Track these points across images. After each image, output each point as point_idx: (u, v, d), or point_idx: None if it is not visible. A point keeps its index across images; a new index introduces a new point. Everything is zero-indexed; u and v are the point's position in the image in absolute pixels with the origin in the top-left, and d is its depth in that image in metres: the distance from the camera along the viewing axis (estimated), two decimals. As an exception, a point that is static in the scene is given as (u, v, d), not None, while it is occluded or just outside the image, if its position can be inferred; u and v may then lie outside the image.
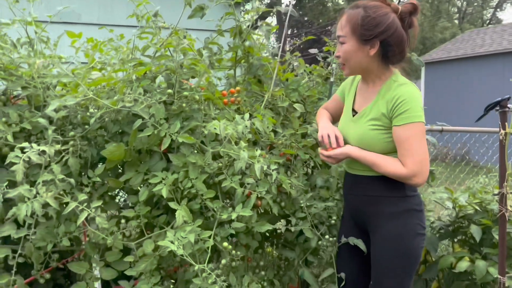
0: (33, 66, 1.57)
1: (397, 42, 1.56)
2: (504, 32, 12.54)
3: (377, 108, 1.63)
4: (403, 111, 1.54)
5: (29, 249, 1.57)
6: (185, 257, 1.50)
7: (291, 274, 2.06)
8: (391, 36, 1.54)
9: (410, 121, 1.54)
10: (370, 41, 1.55)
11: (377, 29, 1.53)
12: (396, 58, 1.60)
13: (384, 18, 1.54)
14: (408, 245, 1.66)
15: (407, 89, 1.57)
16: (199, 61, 1.79)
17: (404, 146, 1.56)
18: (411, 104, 1.54)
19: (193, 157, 1.69)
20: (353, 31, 1.57)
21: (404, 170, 1.56)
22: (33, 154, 1.44)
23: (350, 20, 1.57)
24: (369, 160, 1.64)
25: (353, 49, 1.59)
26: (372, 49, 1.57)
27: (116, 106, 1.61)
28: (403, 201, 1.66)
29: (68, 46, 1.99)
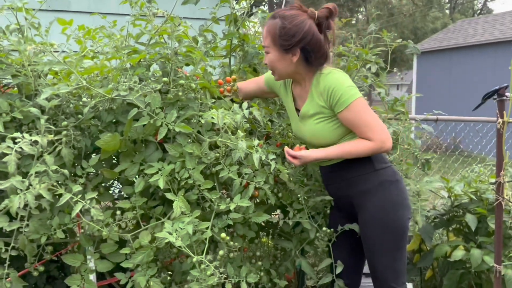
0: (24, 53, 1.52)
1: (316, 48, 1.64)
2: (496, 22, 12.58)
3: (314, 103, 1.71)
4: (338, 98, 1.63)
5: (22, 241, 1.53)
6: (183, 249, 1.48)
7: (287, 264, 2.05)
8: (309, 43, 1.62)
9: (349, 103, 1.62)
10: (290, 49, 1.64)
11: (295, 38, 1.61)
12: (318, 61, 1.68)
13: (300, 26, 1.60)
14: (391, 217, 1.72)
15: (333, 77, 1.65)
16: (194, 48, 1.74)
17: (358, 125, 1.65)
18: (341, 89, 1.63)
19: (189, 147, 1.66)
20: (273, 42, 1.65)
21: (372, 143, 1.65)
22: (25, 144, 1.40)
23: (269, 32, 1.65)
24: (338, 153, 1.70)
25: (276, 58, 1.68)
26: (294, 56, 1.65)
27: (110, 95, 1.57)
28: (375, 175, 1.73)
29: (59, 33, 1.93)
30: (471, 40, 12.14)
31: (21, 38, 1.62)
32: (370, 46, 2.38)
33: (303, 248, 2.03)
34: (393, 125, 2.29)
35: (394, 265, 1.77)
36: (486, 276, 2.55)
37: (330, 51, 1.69)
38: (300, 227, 1.98)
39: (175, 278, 1.79)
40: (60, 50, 1.79)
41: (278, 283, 1.98)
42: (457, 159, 3.76)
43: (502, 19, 12.50)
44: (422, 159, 2.35)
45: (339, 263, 1.88)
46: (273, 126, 2.05)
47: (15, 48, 1.58)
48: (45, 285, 2.30)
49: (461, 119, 3.12)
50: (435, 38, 14.44)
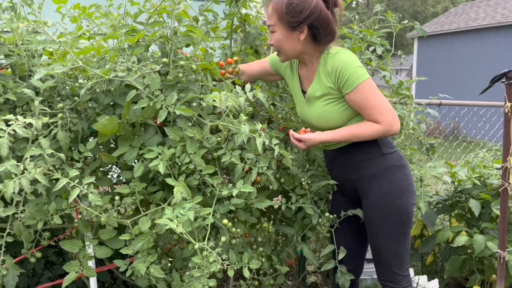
0: (16, 31, 1.45)
1: (324, 24, 1.59)
2: (498, 6, 12.42)
3: (321, 84, 1.66)
4: (346, 79, 1.59)
5: (18, 227, 1.49)
6: (184, 235, 1.44)
7: (289, 250, 2.02)
8: (316, 19, 1.57)
9: (357, 84, 1.58)
10: (297, 27, 1.59)
11: (302, 15, 1.56)
12: (326, 39, 1.63)
13: (307, 2, 1.56)
14: (397, 202, 1.69)
15: (340, 57, 1.61)
16: (195, 28, 1.67)
17: (366, 107, 1.61)
18: (349, 69, 1.58)
19: (190, 131, 1.61)
20: (280, 20, 1.60)
21: (379, 126, 1.61)
22: (19, 127, 1.34)
23: (276, 9, 1.60)
24: (345, 136, 1.66)
25: (283, 36, 1.63)
26: (301, 34, 1.60)
27: (107, 76, 1.50)
28: (382, 160, 1.70)
29: (53, 12, 1.86)
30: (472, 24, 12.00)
31: (14, 16, 1.55)
32: (376, 27, 2.32)
33: (304, 233, 1.99)
34: (398, 109, 2.24)
35: (397, 250, 1.74)
36: (489, 262, 2.53)
37: (337, 29, 1.65)
38: (302, 212, 1.94)
39: (176, 265, 1.75)
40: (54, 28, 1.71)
41: (280, 269, 1.96)
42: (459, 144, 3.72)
43: (504, 3, 12.33)
44: (427, 144, 2.30)
45: (342, 248, 1.85)
46: (275, 110, 2.00)
47: (7, 27, 1.51)
48: (43, 271, 2.28)
49: (465, 103, 3.06)
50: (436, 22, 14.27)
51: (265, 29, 2.22)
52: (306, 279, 2.79)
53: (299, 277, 2.72)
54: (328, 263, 1.89)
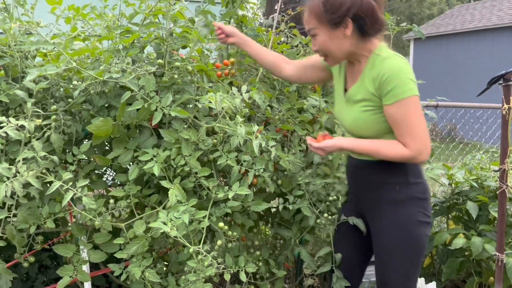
0: (9, 32, 1.42)
1: (369, 12, 1.44)
2: (494, 8, 12.48)
3: (364, 88, 1.52)
4: (390, 89, 1.43)
5: (10, 232, 1.46)
6: (179, 239, 1.42)
7: (287, 253, 2.00)
8: (360, 8, 1.44)
9: (400, 98, 1.42)
10: (341, 22, 1.45)
11: (343, 8, 1.43)
12: (374, 29, 1.48)
13: None
14: (411, 234, 1.59)
15: (391, 63, 1.45)
16: (191, 29, 1.66)
17: (400, 126, 1.46)
18: (397, 79, 1.42)
19: (186, 133, 1.59)
20: (319, 20, 1.48)
21: (407, 151, 1.47)
22: (11, 129, 1.32)
23: (313, 11, 1.49)
24: (365, 149, 1.54)
25: (327, 37, 1.49)
26: (346, 29, 1.47)
27: (102, 77, 1.48)
28: (406, 188, 1.57)
29: (47, 13, 1.83)
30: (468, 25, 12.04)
31: (7, 17, 1.52)
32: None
33: (302, 236, 1.98)
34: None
35: (405, 281, 1.63)
36: (486, 264, 2.52)
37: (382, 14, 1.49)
38: (300, 215, 1.93)
39: (172, 269, 1.73)
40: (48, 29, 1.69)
41: (277, 273, 1.94)
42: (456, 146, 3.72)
43: (500, 5, 12.39)
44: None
45: (339, 255, 1.81)
46: (272, 111, 1.98)
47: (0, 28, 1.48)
48: (37, 275, 2.25)
49: (462, 105, 3.05)
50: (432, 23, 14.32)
51: (262, 31, 2.21)
52: (303, 282, 2.77)
53: (296, 280, 2.70)
54: (324, 266, 1.87)
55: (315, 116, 2.06)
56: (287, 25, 2.31)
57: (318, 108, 2.04)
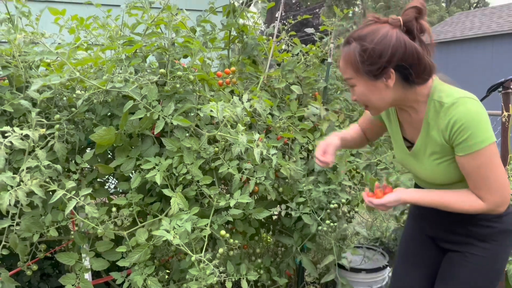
0: (14, 42, 1.44)
1: (414, 61, 1.26)
2: (493, 15, 12.53)
3: (432, 140, 1.35)
4: (463, 140, 1.25)
5: (14, 240, 1.47)
6: (181, 247, 1.43)
7: (288, 261, 2.00)
8: (402, 58, 1.25)
9: (475, 150, 1.25)
10: (381, 74, 1.28)
11: (383, 59, 1.26)
12: (422, 77, 1.29)
13: (385, 42, 1.26)
14: (495, 268, 1.45)
15: (461, 110, 1.25)
16: (192, 38, 1.68)
17: (474, 178, 1.30)
18: (470, 128, 1.24)
19: (187, 141, 1.60)
20: (357, 71, 1.31)
21: (482, 204, 1.31)
22: (15, 138, 1.33)
23: (348, 61, 1.32)
24: (432, 202, 1.38)
25: (367, 89, 1.32)
26: (389, 80, 1.29)
27: (105, 87, 1.50)
28: (498, 222, 1.41)
29: (51, 23, 1.86)
30: (468, 33, 12.09)
31: (12, 28, 1.55)
32: (372, 37, 2.32)
33: (304, 244, 1.98)
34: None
35: None
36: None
37: (431, 59, 1.30)
38: (301, 222, 1.93)
39: (173, 277, 1.74)
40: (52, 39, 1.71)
41: (278, 281, 1.94)
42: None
43: (500, 12, 12.45)
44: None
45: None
46: (273, 119, 2.00)
47: (5, 38, 1.51)
48: (39, 283, 2.25)
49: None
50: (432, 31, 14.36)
51: (263, 39, 2.23)
52: (305, 290, 2.76)
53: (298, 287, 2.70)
54: (328, 275, 1.87)
55: (316, 124, 2.07)
56: (287, 34, 2.33)
57: (319, 116, 2.05)
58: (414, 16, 1.28)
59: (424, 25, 1.29)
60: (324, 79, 2.23)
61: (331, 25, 2.37)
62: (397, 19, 1.29)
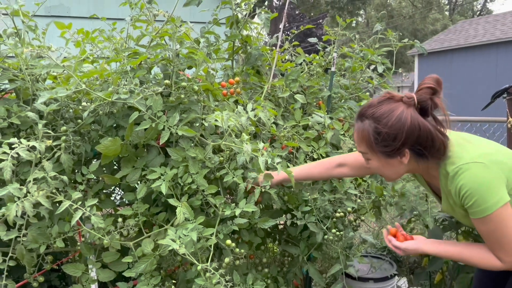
0: (21, 56, 1.47)
1: (428, 143, 1.28)
2: (497, 22, 12.55)
3: (452, 203, 1.38)
4: (471, 205, 1.27)
5: (21, 251, 1.48)
6: (188, 256, 1.42)
7: (295, 270, 1.99)
8: (416, 140, 1.28)
9: (483, 215, 1.26)
10: (396, 154, 1.31)
11: (397, 142, 1.28)
12: (436, 155, 1.31)
13: (399, 125, 1.27)
14: None
15: (464, 177, 1.26)
16: (196, 50, 1.70)
17: (489, 240, 1.31)
18: (476, 194, 1.25)
19: (192, 151, 1.61)
20: (371, 149, 1.34)
21: (499, 263, 1.32)
22: (22, 150, 1.35)
23: (363, 138, 1.35)
24: (451, 256, 1.39)
25: (381, 164, 1.36)
26: (403, 157, 1.32)
27: (110, 98, 1.52)
28: None
29: (57, 37, 1.89)
30: (472, 40, 12.10)
31: (18, 42, 1.57)
32: (376, 46, 2.34)
33: (310, 253, 1.97)
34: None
35: None
36: (498, 280, 2.48)
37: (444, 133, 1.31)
38: (307, 231, 1.92)
39: (180, 287, 1.73)
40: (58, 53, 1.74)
41: (286, 290, 1.93)
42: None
43: (503, 19, 12.46)
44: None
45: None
46: (277, 128, 2.00)
47: (12, 52, 1.53)
48: (46, 295, 2.25)
49: (468, 119, 3.06)
50: (436, 39, 14.41)
51: (266, 50, 2.25)
52: (312, 300, 2.73)
53: (305, 298, 2.67)
54: (335, 284, 1.86)
55: (320, 133, 2.07)
56: (291, 44, 2.35)
57: (323, 125, 2.06)
58: (429, 96, 1.30)
59: (438, 102, 1.31)
60: (328, 88, 2.24)
61: (334, 35, 2.39)
62: (412, 98, 1.29)
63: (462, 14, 32.63)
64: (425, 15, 29.18)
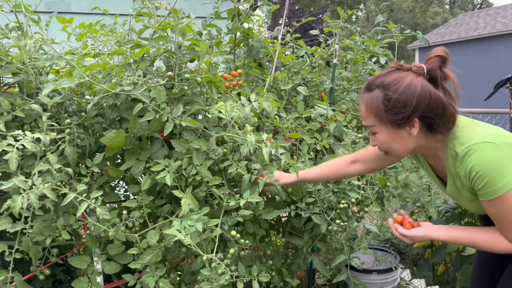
0: (24, 49, 1.47)
1: (439, 111, 1.26)
2: (497, 15, 12.50)
3: (458, 187, 1.35)
4: (482, 187, 1.24)
5: (26, 244, 1.48)
6: (193, 247, 1.43)
7: (299, 262, 2.00)
8: (428, 107, 1.25)
9: (494, 197, 1.23)
10: (405, 123, 1.27)
11: (407, 109, 1.25)
12: (447, 125, 1.29)
13: (410, 92, 1.25)
14: None
15: (475, 158, 1.23)
16: (199, 41, 1.69)
17: (499, 222, 1.28)
18: (487, 175, 1.22)
19: (196, 143, 1.61)
20: (379, 120, 1.30)
21: (510, 246, 1.29)
22: (27, 142, 1.35)
23: (371, 108, 1.31)
24: (460, 241, 1.35)
25: (389, 137, 1.32)
26: (413, 128, 1.29)
27: (114, 90, 1.52)
28: None
29: (59, 30, 1.89)
30: (473, 33, 12.06)
31: (21, 35, 1.57)
32: (378, 37, 2.33)
33: (314, 245, 1.97)
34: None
35: None
36: (501, 270, 2.49)
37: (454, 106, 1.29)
38: (311, 223, 1.93)
39: (185, 279, 1.74)
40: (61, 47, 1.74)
41: (290, 282, 1.93)
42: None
43: (504, 12, 12.41)
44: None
45: None
46: (280, 120, 2.00)
47: (15, 45, 1.53)
48: (51, 289, 2.26)
49: (470, 111, 3.05)
50: (436, 32, 14.36)
51: (268, 42, 2.25)
52: (316, 292, 2.74)
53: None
54: (339, 275, 1.86)
55: (323, 125, 2.07)
56: (292, 36, 2.34)
57: (326, 117, 2.06)
58: (438, 65, 1.29)
59: (448, 73, 1.30)
60: (330, 80, 2.23)
61: (336, 27, 2.38)
62: (421, 67, 1.28)
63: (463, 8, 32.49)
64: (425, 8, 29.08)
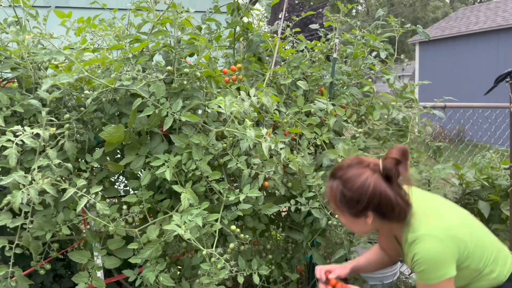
0: (22, 43, 1.46)
1: (389, 206, 1.39)
2: (498, 9, 12.44)
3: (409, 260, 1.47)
4: (419, 272, 1.37)
5: (26, 239, 1.49)
6: (193, 241, 1.43)
7: (299, 256, 2.00)
8: (378, 204, 1.38)
9: (427, 283, 1.36)
10: (360, 215, 1.42)
11: (360, 205, 1.39)
12: (397, 219, 1.41)
13: (362, 191, 1.37)
14: None
15: (419, 247, 1.36)
16: (198, 36, 1.69)
17: None
18: (425, 264, 1.34)
19: (196, 138, 1.61)
20: (338, 208, 1.46)
21: None
22: (27, 137, 1.35)
23: (331, 196, 1.46)
24: None
25: (347, 222, 1.48)
26: (367, 218, 1.42)
27: (113, 85, 1.51)
28: None
29: (58, 25, 1.88)
30: (473, 27, 12.01)
31: (19, 30, 1.56)
32: (378, 31, 2.32)
33: (314, 239, 1.98)
34: (403, 111, 2.23)
35: None
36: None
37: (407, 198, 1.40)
38: (311, 217, 1.93)
39: (185, 273, 1.74)
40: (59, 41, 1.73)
41: (290, 276, 1.94)
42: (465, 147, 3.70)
43: (505, 6, 12.36)
44: (434, 146, 2.29)
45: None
46: (280, 115, 2.00)
47: (13, 39, 1.52)
48: (52, 284, 2.27)
49: (470, 105, 3.04)
50: (437, 26, 14.31)
51: (268, 36, 2.24)
52: (315, 286, 2.75)
53: (309, 284, 2.69)
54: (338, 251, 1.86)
55: (323, 119, 2.07)
56: (292, 30, 2.33)
57: (326, 111, 2.05)
58: (394, 163, 1.39)
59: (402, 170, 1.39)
60: (330, 74, 2.22)
61: (336, 21, 2.37)
62: (377, 165, 1.40)
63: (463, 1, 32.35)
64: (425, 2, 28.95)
